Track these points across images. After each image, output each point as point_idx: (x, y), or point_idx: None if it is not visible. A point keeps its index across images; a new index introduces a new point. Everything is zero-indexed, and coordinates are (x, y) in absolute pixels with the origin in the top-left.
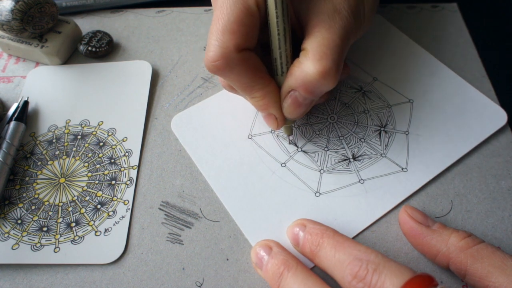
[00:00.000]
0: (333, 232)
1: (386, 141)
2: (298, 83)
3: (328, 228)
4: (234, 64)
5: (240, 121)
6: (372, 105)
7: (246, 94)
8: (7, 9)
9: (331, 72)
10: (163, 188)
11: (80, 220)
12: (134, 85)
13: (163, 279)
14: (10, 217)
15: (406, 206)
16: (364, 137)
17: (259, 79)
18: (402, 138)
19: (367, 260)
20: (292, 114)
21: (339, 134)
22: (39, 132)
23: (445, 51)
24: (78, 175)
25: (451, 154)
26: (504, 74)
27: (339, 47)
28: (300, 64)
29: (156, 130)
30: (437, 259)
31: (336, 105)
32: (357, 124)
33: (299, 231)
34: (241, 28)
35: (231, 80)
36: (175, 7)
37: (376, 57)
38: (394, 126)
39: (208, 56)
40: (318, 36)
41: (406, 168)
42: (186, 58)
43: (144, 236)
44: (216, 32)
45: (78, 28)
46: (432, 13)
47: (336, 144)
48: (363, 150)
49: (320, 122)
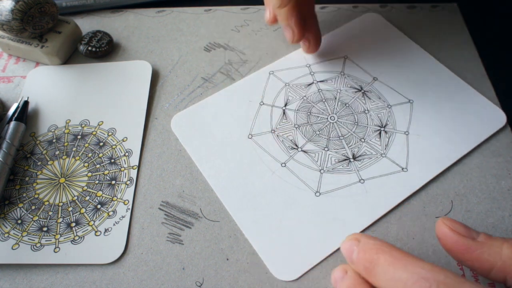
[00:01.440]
0: (390, 247)
1: (386, 141)
2: None
3: (384, 243)
4: None
5: (240, 120)
6: (372, 105)
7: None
8: (7, 9)
9: None
10: (163, 188)
11: (80, 220)
12: (134, 85)
13: (163, 279)
14: (10, 217)
15: (443, 219)
16: (364, 137)
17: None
18: (402, 138)
19: (437, 281)
20: None
21: (339, 134)
22: (39, 132)
23: (445, 51)
24: (78, 175)
25: (451, 154)
26: (504, 74)
27: None
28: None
29: (156, 130)
30: (492, 274)
31: (336, 105)
32: (357, 124)
33: (352, 246)
34: None
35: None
36: (175, 7)
37: (377, 57)
38: (394, 126)
39: None
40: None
41: (406, 168)
42: (186, 58)
43: (144, 236)
44: None
45: (78, 28)
46: (432, 13)
47: (336, 144)
48: (363, 150)
49: (320, 122)
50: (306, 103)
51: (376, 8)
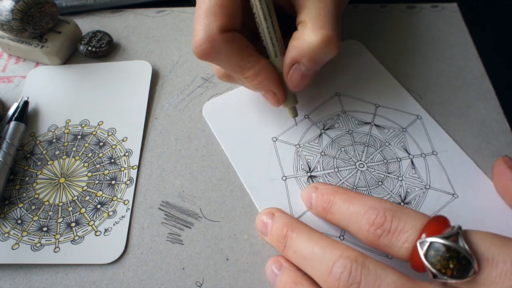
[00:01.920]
0: (344, 189)
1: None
2: (301, 55)
3: (340, 187)
4: (219, 46)
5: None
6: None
7: (238, 75)
8: (7, 9)
9: (333, 39)
10: (163, 188)
11: (80, 220)
12: (134, 85)
13: (163, 279)
14: (10, 217)
15: (504, 157)
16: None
17: (248, 57)
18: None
19: (384, 208)
20: (298, 86)
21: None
22: (39, 132)
23: (445, 51)
24: (78, 175)
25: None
26: (504, 74)
27: (335, 15)
28: (301, 35)
29: (156, 130)
30: None
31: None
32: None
33: (311, 193)
34: (223, 10)
35: (220, 63)
36: (175, 7)
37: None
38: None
39: (194, 41)
40: (312, 7)
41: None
42: (186, 58)
43: (144, 236)
44: (199, 17)
45: (78, 28)
46: (432, 13)
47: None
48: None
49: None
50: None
51: (376, 8)
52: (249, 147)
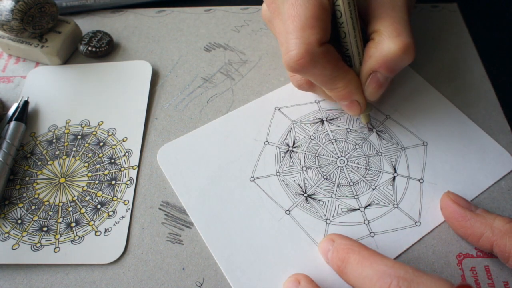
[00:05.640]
0: (359, 247)
1: (399, 189)
2: (379, 64)
3: (354, 243)
4: (318, 59)
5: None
6: (385, 146)
7: (328, 87)
8: (7, 9)
9: (411, 46)
10: (163, 188)
11: (80, 220)
12: (134, 85)
13: (163, 279)
14: (10, 217)
15: (448, 192)
16: (376, 184)
17: (340, 69)
18: (416, 187)
19: (397, 276)
20: (374, 95)
21: (349, 180)
22: (39, 132)
23: (445, 51)
24: (78, 175)
25: None
26: (504, 74)
27: (408, 21)
28: (378, 45)
29: (156, 130)
30: (481, 242)
31: (346, 147)
32: (368, 168)
33: (328, 247)
34: (319, 23)
35: (314, 75)
36: (175, 7)
37: (388, 94)
38: (407, 172)
39: (291, 55)
40: (386, 16)
41: (419, 222)
42: (186, 58)
43: (144, 236)
44: (295, 30)
45: (78, 28)
46: (432, 13)
47: (345, 190)
48: (373, 198)
49: (329, 165)
50: (314, 144)
51: None
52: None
